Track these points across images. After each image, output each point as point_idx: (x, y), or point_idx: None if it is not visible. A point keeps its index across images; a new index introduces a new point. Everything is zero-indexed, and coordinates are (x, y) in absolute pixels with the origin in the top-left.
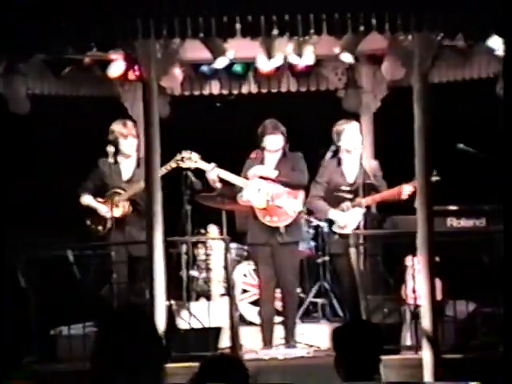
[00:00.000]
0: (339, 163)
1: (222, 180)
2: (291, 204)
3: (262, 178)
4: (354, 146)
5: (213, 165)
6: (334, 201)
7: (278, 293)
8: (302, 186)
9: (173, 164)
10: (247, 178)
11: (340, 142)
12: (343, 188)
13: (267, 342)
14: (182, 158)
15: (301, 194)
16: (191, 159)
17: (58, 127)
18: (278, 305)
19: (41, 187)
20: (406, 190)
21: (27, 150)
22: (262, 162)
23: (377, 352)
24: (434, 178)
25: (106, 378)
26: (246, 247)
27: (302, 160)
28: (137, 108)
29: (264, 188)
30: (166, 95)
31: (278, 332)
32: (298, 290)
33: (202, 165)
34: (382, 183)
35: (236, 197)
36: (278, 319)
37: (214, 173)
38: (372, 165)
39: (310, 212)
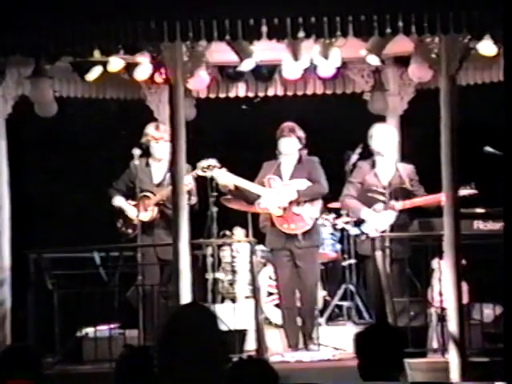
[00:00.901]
0: (373, 165)
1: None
2: (308, 211)
3: (278, 185)
4: (386, 149)
5: (224, 170)
6: (367, 202)
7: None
8: (322, 196)
9: (199, 172)
10: (263, 185)
11: (372, 144)
12: (377, 189)
13: (293, 345)
14: (209, 166)
15: (318, 200)
16: (215, 168)
17: (85, 129)
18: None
19: (69, 188)
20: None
21: (55, 151)
22: (278, 167)
23: (399, 355)
24: (471, 191)
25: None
26: None
27: (318, 166)
28: (163, 110)
29: (280, 196)
30: (192, 98)
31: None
32: (324, 292)
33: (214, 171)
34: (418, 188)
35: (248, 199)
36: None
37: (225, 178)
38: (407, 169)
39: (337, 215)
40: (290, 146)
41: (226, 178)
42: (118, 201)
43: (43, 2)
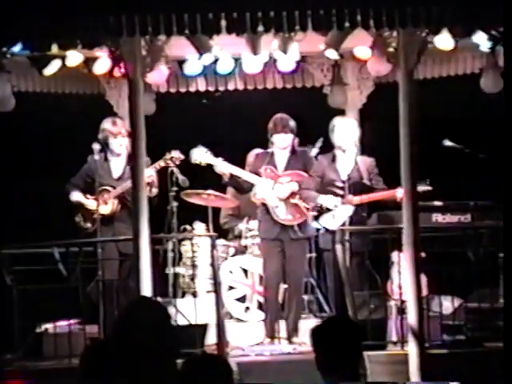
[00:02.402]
0: (333, 159)
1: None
2: (305, 202)
3: (275, 175)
4: (346, 143)
5: (220, 159)
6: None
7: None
8: None
9: (162, 163)
10: (259, 175)
11: (333, 137)
12: (336, 184)
13: (271, 336)
14: (172, 157)
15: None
16: (198, 153)
17: (44, 124)
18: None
19: (27, 184)
20: (400, 193)
21: (12, 147)
22: (271, 157)
23: (356, 347)
24: (426, 188)
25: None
26: (232, 244)
27: (311, 157)
28: (123, 105)
29: (278, 186)
30: (152, 92)
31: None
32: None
33: (211, 159)
34: (377, 181)
35: (243, 188)
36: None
37: (222, 167)
38: (367, 162)
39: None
40: (286, 141)
41: (223, 167)
42: (76, 196)
43: None
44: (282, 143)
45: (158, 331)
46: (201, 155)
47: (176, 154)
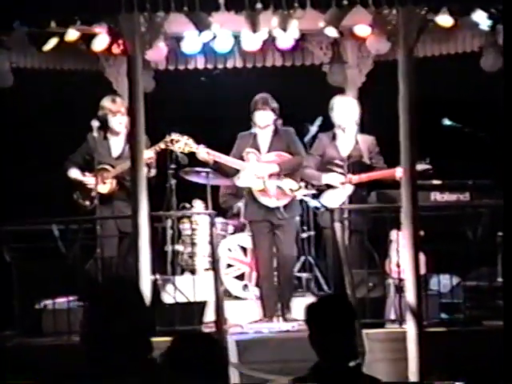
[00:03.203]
0: (334, 137)
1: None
2: (288, 184)
3: (258, 159)
4: (346, 121)
5: (201, 146)
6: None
7: None
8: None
9: (162, 145)
10: (242, 159)
11: (332, 116)
12: (336, 162)
13: (268, 316)
14: (172, 140)
15: (297, 172)
16: (180, 142)
17: (42, 101)
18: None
19: (25, 161)
20: (400, 172)
21: (11, 123)
22: (254, 138)
23: (349, 326)
24: (425, 166)
25: (95, 351)
26: (230, 222)
27: (295, 137)
28: (121, 82)
29: (261, 169)
30: (151, 69)
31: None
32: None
33: (193, 146)
34: (378, 160)
35: (227, 173)
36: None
37: (204, 154)
38: (368, 140)
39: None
40: (266, 118)
41: (205, 154)
42: (74, 173)
43: None
44: (262, 121)
45: (130, 312)
46: (182, 144)
47: (176, 137)
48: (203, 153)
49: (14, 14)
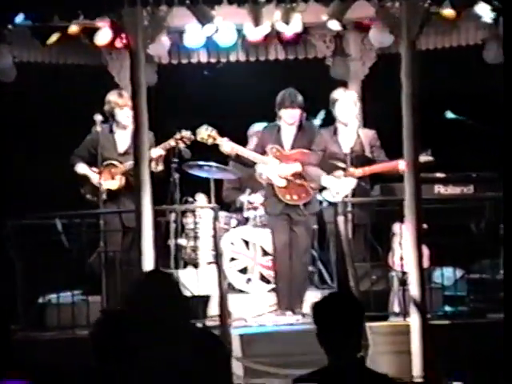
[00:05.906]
0: (335, 132)
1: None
2: (309, 181)
3: (281, 155)
4: (347, 115)
5: (226, 139)
6: (328, 169)
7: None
8: None
9: (172, 142)
10: (265, 154)
11: (334, 110)
12: (338, 157)
13: (284, 308)
14: (182, 137)
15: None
16: (203, 133)
17: (45, 95)
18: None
19: (29, 155)
20: (402, 165)
21: (13, 117)
22: (278, 133)
23: (357, 324)
24: (428, 158)
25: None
26: (233, 215)
27: (318, 131)
28: (124, 76)
29: (284, 169)
30: (154, 63)
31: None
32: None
33: (217, 138)
34: (379, 153)
35: (247, 166)
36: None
37: (228, 147)
38: (369, 134)
39: None
40: (293, 116)
41: (228, 147)
42: (82, 168)
43: None
44: (290, 119)
45: (170, 304)
46: (206, 134)
47: (186, 134)
48: (227, 146)
49: (17, 9)
